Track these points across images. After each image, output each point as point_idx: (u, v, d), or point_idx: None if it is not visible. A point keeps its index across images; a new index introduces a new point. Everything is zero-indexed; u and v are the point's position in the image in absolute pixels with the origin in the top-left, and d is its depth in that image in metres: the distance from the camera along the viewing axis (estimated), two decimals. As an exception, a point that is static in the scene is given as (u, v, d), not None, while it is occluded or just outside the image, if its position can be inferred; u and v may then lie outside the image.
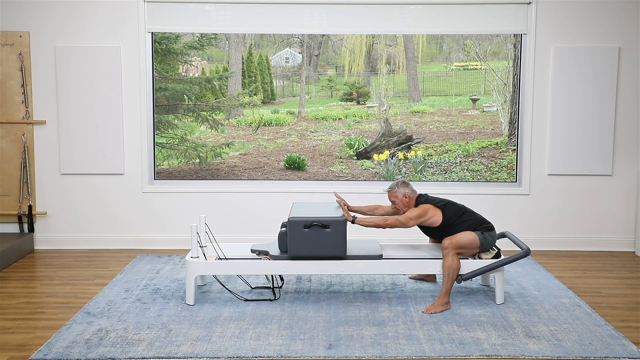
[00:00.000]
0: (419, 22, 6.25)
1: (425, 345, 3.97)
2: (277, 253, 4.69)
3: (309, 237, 4.55)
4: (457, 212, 4.73)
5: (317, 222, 4.55)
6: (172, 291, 4.98)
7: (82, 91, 6.18)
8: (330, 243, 4.56)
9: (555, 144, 6.26)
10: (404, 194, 4.79)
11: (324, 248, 4.57)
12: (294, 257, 4.62)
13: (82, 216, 6.36)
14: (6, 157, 6.25)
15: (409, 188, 4.82)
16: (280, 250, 4.70)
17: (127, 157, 6.30)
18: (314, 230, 4.55)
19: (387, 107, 6.69)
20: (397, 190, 4.80)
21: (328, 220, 4.55)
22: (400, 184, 4.82)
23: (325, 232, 4.55)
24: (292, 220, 4.56)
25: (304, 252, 4.59)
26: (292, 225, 4.56)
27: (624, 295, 5.02)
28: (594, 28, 6.15)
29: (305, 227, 4.55)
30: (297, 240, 4.56)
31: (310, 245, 4.56)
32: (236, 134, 6.66)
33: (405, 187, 4.81)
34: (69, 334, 4.11)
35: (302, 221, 4.55)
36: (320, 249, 4.57)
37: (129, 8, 6.14)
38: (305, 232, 4.55)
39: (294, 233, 4.55)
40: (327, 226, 4.55)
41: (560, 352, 3.87)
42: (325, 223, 4.55)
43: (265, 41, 6.73)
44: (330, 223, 4.55)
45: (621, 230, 6.36)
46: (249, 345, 3.94)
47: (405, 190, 4.79)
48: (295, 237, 4.56)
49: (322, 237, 4.55)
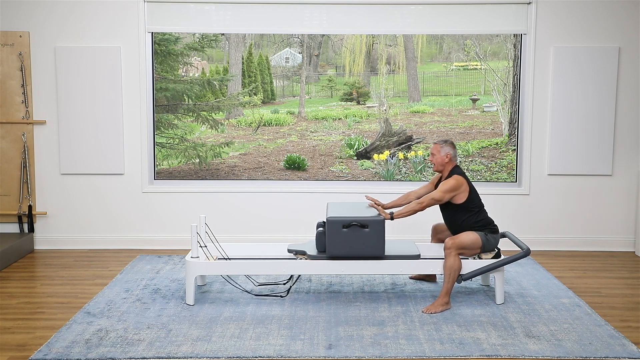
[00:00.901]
0: (419, 22, 6.25)
1: (425, 345, 3.97)
2: (314, 253, 4.68)
3: (348, 237, 4.54)
4: (478, 202, 4.74)
5: (355, 221, 4.54)
6: (172, 291, 4.98)
7: (82, 91, 6.18)
8: (368, 243, 4.54)
9: (555, 144, 6.26)
10: (447, 153, 4.75)
11: (363, 248, 4.56)
12: (332, 257, 4.61)
13: (82, 216, 6.36)
14: (6, 157, 6.25)
15: (454, 151, 4.78)
16: (318, 250, 4.69)
17: (127, 157, 6.30)
18: (353, 230, 4.54)
19: (387, 107, 6.69)
20: (443, 147, 4.76)
21: (367, 220, 4.54)
22: (449, 143, 4.78)
23: (363, 231, 4.54)
24: (331, 220, 4.54)
25: (342, 252, 4.57)
26: (330, 225, 4.54)
27: (624, 295, 5.02)
28: (594, 28, 6.15)
29: (344, 226, 4.53)
30: (335, 240, 4.55)
31: (348, 245, 4.55)
32: (236, 134, 6.66)
33: (451, 148, 4.77)
34: (69, 334, 4.11)
35: (341, 221, 4.54)
36: (358, 248, 4.56)
37: (129, 8, 6.14)
38: (343, 232, 4.53)
39: (333, 233, 4.54)
40: (366, 226, 4.53)
41: (560, 352, 3.87)
42: (364, 223, 4.53)
43: (265, 41, 6.73)
44: (369, 223, 4.53)
45: (621, 230, 6.36)
46: (249, 345, 3.94)
47: (450, 151, 4.76)
48: (333, 237, 4.54)
49: (360, 237, 4.54)
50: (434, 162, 4.80)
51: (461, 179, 4.69)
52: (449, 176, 4.76)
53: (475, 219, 4.70)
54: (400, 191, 6.03)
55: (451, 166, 4.79)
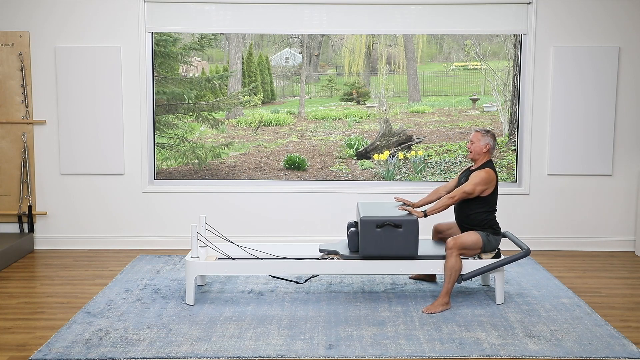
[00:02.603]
0: (419, 22, 6.25)
1: (425, 345, 3.97)
2: (347, 253, 4.67)
3: (381, 237, 4.53)
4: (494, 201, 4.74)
5: (389, 221, 4.53)
6: (172, 291, 4.98)
7: (82, 91, 6.18)
8: (402, 243, 4.54)
9: (555, 144, 6.25)
10: (486, 143, 4.73)
11: (396, 248, 4.55)
12: (366, 257, 4.60)
13: (82, 216, 6.36)
14: (6, 157, 6.25)
15: (494, 143, 4.76)
16: (351, 250, 4.68)
17: (127, 157, 6.30)
18: (386, 230, 4.53)
19: (387, 107, 6.69)
20: (484, 136, 4.74)
21: (400, 219, 4.53)
22: (490, 134, 4.76)
23: (397, 231, 4.53)
24: (364, 220, 4.54)
25: (376, 252, 4.57)
26: (364, 225, 4.54)
27: (624, 295, 5.02)
28: (594, 28, 6.15)
29: (378, 226, 4.53)
30: (368, 240, 4.54)
31: (382, 245, 4.54)
32: (236, 134, 6.66)
33: (492, 139, 4.75)
34: (69, 334, 4.11)
35: (375, 221, 4.53)
36: (392, 248, 4.55)
37: (129, 8, 6.13)
38: (377, 232, 4.53)
39: (366, 233, 4.53)
40: (400, 226, 4.53)
41: (560, 352, 3.87)
42: (398, 223, 4.53)
43: (265, 41, 6.73)
44: (403, 223, 4.53)
45: (621, 230, 6.36)
46: (249, 345, 3.94)
47: (489, 142, 4.74)
48: (367, 237, 4.54)
49: (394, 237, 4.53)
50: (472, 149, 4.75)
51: (493, 174, 4.68)
52: (480, 168, 4.73)
53: (486, 216, 4.70)
54: (401, 191, 6.05)
55: (486, 158, 4.76)
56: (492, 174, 4.67)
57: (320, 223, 6.30)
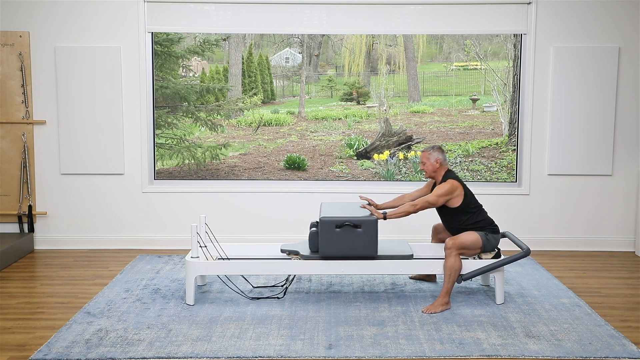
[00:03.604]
0: (419, 22, 6.25)
1: (425, 345, 3.97)
2: (307, 253, 4.67)
3: (341, 237, 4.54)
4: (475, 203, 4.76)
5: (348, 221, 4.53)
6: (172, 291, 4.98)
7: (82, 91, 6.18)
8: (361, 243, 4.54)
9: (555, 144, 6.26)
10: (436, 159, 4.77)
11: (356, 248, 4.55)
12: (325, 257, 4.61)
13: (82, 216, 6.36)
14: (6, 157, 6.25)
15: (443, 155, 4.80)
16: (311, 250, 4.68)
17: (127, 157, 6.30)
18: (346, 230, 4.53)
19: (387, 107, 6.69)
20: (431, 153, 4.79)
21: (360, 220, 4.54)
22: (436, 149, 4.80)
23: (356, 232, 4.53)
24: (324, 220, 4.54)
25: (335, 252, 4.57)
26: (323, 225, 4.54)
27: (624, 295, 5.02)
28: (594, 28, 6.15)
29: (337, 226, 4.53)
30: (328, 240, 4.54)
31: (341, 245, 4.55)
32: (236, 134, 6.66)
33: (439, 152, 4.79)
34: (69, 334, 4.11)
35: (334, 221, 4.53)
36: (351, 249, 4.56)
37: (129, 8, 6.14)
38: (336, 232, 4.53)
39: (326, 233, 4.54)
40: (359, 226, 4.53)
41: (560, 352, 3.87)
42: (357, 223, 4.53)
43: (265, 41, 6.73)
44: (362, 223, 4.53)
45: (621, 230, 6.36)
46: (249, 345, 3.94)
47: (439, 156, 4.78)
48: (326, 237, 4.54)
49: (353, 237, 4.54)
50: (425, 170, 4.82)
51: (456, 183, 4.70)
52: (443, 180, 4.77)
53: (475, 219, 4.71)
54: (401, 191, 6.03)
55: (443, 171, 4.81)
56: (454, 184, 4.69)
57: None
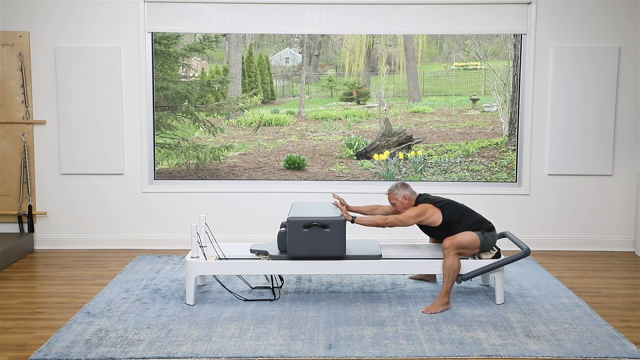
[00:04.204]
0: (419, 22, 6.25)
1: (425, 345, 3.97)
2: (276, 253, 4.69)
3: (308, 237, 4.55)
4: (457, 211, 4.73)
5: (316, 222, 4.54)
6: (172, 291, 4.98)
7: (82, 91, 6.18)
8: (329, 243, 4.55)
9: (555, 144, 6.26)
10: (403, 196, 4.80)
11: (323, 248, 4.56)
12: (293, 257, 4.61)
13: (82, 216, 6.36)
14: (6, 157, 6.25)
15: (409, 190, 4.83)
16: (280, 250, 4.70)
17: (127, 157, 6.30)
18: (313, 231, 4.54)
19: (387, 107, 6.69)
20: (396, 193, 4.81)
21: (327, 220, 4.55)
22: (400, 186, 4.83)
23: (324, 232, 4.55)
24: (292, 220, 4.56)
25: (303, 252, 4.58)
26: (291, 225, 4.55)
27: (624, 295, 5.02)
28: (594, 28, 6.15)
29: (305, 227, 4.54)
30: (296, 240, 4.56)
31: (309, 245, 4.56)
32: (236, 134, 6.66)
33: (404, 188, 4.82)
34: (69, 334, 4.11)
35: (301, 221, 4.55)
36: (319, 249, 4.57)
37: (129, 8, 6.14)
38: (304, 232, 4.54)
39: (293, 233, 4.55)
40: (327, 226, 4.54)
41: (560, 352, 3.87)
42: (325, 223, 4.54)
43: (265, 41, 6.73)
44: (330, 223, 4.54)
45: (621, 230, 6.36)
46: (249, 345, 3.94)
47: (405, 192, 4.81)
48: (294, 237, 4.55)
49: (321, 237, 4.55)
50: (398, 209, 4.82)
51: (426, 205, 4.71)
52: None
53: (465, 225, 4.69)
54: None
55: (414, 201, 4.82)
56: (424, 207, 4.69)
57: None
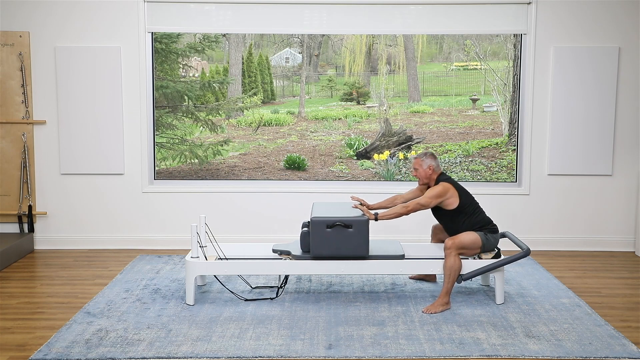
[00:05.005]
0: (419, 22, 6.25)
1: (425, 345, 3.97)
2: (299, 253, 4.67)
3: (332, 237, 4.54)
4: (472, 203, 4.74)
5: (339, 221, 4.53)
6: (172, 291, 4.98)
7: (82, 91, 6.18)
8: (353, 243, 4.54)
9: (555, 144, 6.25)
10: (429, 166, 4.77)
11: (347, 248, 4.55)
12: (317, 257, 4.60)
13: (82, 216, 6.36)
14: (6, 157, 6.25)
15: (436, 162, 4.80)
16: (302, 250, 4.68)
17: (127, 157, 6.30)
18: (337, 230, 4.53)
19: (387, 107, 6.69)
20: (424, 160, 4.78)
21: (351, 220, 4.54)
22: (429, 155, 4.80)
23: (347, 232, 4.54)
24: (315, 220, 4.54)
25: (327, 252, 4.57)
26: (314, 225, 4.54)
27: (624, 295, 5.02)
28: (594, 28, 6.15)
29: (328, 227, 4.53)
30: (319, 240, 4.54)
31: (332, 245, 4.55)
32: (236, 134, 6.66)
33: (432, 159, 4.79)
34: (69, 334, 4.11)
35: (325, 221, 4.53)
36: (342, 249, 4.55)
37: (129, 8, 6.14)
38: (327, 232, 4.53)
39: (317, 233, 4.54)
40: (350, 226, 4.53)
41: (560, 352, 3.87)
42: (348, 223, 4.53)
43: (265, 41, 6.73)
44: (353, 223, 4.53)
45: (621, 230, 6.36)
46: (249, 345, 3.95)
47: (431, 163, 4.78)
48: (317, 237, 4.54)
49: (344, 237, 4.54)
50: (418, 176, 4.82)
51: (448, 185, 4.69)
52: (436, 184, 4.77)
53: (473, 220, 4.70)
54: (400, 191, 6.04)
55: (436, 175, 4.80)
56: (446, 186, 4.68)
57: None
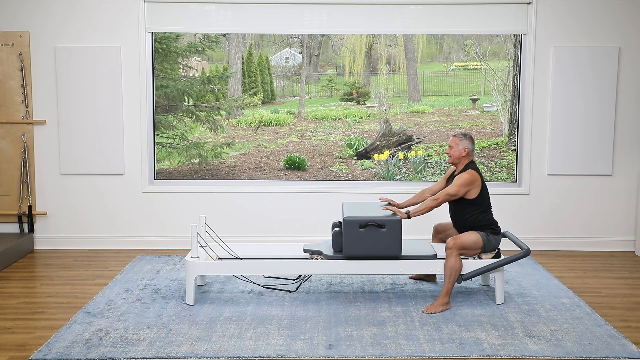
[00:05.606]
0: (419, 22, 6.25)
1: (425, 345, 3.97)
2: (330, 253, 4.67)
3: (365, 237, 4.53)
4: (487, 200, 4.75)
5: (372, 221, 4.53)
6: (172, 291, 4.98)
7: (82, 91, 6.18)
8: (385, 243, 4.54)
9: (555, 144, 6.25)
10: (465, 147, 4.74)
11: (380, 248, 4.55)
12: (349, 257, 4.60)
13: (82, 216, 6.36)
14: (6, 157, 6.25)
15: (472, 146, 4.77)
16: (334, 250, 4.68)
17: (127, 157, 6.30)
18: (369, 230, 4.53)
19: (387, 107, 6.69)
20: (462, 140, 4.75)
21: (383, 220, 4.54)
22: (468, 137, 4.77)
23: (380, 231, 4.53)
24: (348, 220, 4.54)
25: (359, 252, 4.57)
26: (347, 225, 4.54)
27: (624, 295, 5.02)
28: (594, 28, 6.15)
29: (361, 226, 4.53)
30: (352, 240, 4.54)
31: (365, 245, 4.54)
32: (236, 134, 6.66)
33: (470, 142, 4.77)
34: (69, 334, 4.11)
35: (358, 221, 4.53)
36: (375, 249, 4.55)
37: (129, 8, 6.14)
38: (360, 232, 4.53)
39: (349, 233, 4.53)
40: (383, 226, 4.53)
41: (560, 352, 3.87)
42: (381, 223, 4.53)
43: (265, 41, 6.73)
44: (386, 223, 4.53)
45: (621, 230, 6.36)
46: (249, 345, 3.95)
47: (468, 145, 4.75)
48: (350, 237, 4.54)
49: (377, 237, 4.53)
50: (451, 154, 4.77)
51: (476, 174, 4.68)
52: (463, 170, 4.74)
53: (482, 217, 4.70)
54: (400, 191, 6.05)
55: (467, 160, 4.77)
56: (474, 175, 4.68)
57: (320, 223, 6.29)
